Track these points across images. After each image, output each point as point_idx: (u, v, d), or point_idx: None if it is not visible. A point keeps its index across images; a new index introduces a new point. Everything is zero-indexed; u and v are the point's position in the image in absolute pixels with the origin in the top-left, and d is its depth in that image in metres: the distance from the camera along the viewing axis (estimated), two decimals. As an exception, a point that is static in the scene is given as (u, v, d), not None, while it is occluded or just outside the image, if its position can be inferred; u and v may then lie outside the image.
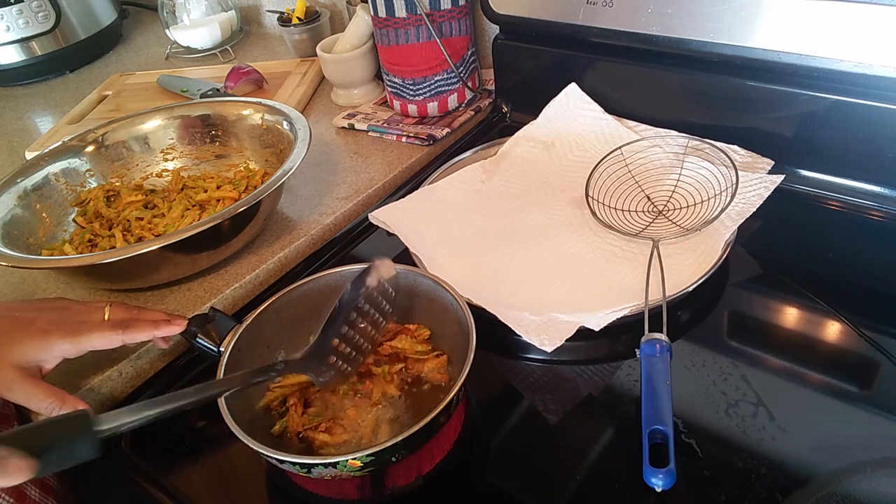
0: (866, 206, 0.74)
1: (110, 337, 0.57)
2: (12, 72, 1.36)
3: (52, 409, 0.55)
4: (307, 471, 0.49)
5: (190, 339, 0.61)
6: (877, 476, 0.49)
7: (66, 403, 0.56)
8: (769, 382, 0.58)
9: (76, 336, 0.56)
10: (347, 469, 0.48)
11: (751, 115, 0.78)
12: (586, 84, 0.89)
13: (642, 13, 0.78)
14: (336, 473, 0.49)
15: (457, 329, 0.57)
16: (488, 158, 0.88)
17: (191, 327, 0.61)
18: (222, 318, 0.62)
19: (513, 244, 0.75)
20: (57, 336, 0.56)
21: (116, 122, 0.90)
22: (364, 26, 1.02)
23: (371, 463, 0.48)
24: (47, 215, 0.81)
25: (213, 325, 0.61)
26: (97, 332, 0.57)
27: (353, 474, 0.50)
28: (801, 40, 0.70)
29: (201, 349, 0.61)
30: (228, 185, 0.85)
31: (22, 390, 0.55)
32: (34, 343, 0.55)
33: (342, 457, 0.47)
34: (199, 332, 0.61)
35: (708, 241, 0.68)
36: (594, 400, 0.59)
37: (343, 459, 0.47)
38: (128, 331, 0.58)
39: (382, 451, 0.47)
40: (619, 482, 0.52)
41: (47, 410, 0.55)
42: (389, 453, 0.48)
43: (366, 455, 0.47)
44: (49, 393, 0.56)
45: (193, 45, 1.34)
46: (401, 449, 0.49)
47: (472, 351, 0.53)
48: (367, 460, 0.48)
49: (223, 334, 0.60)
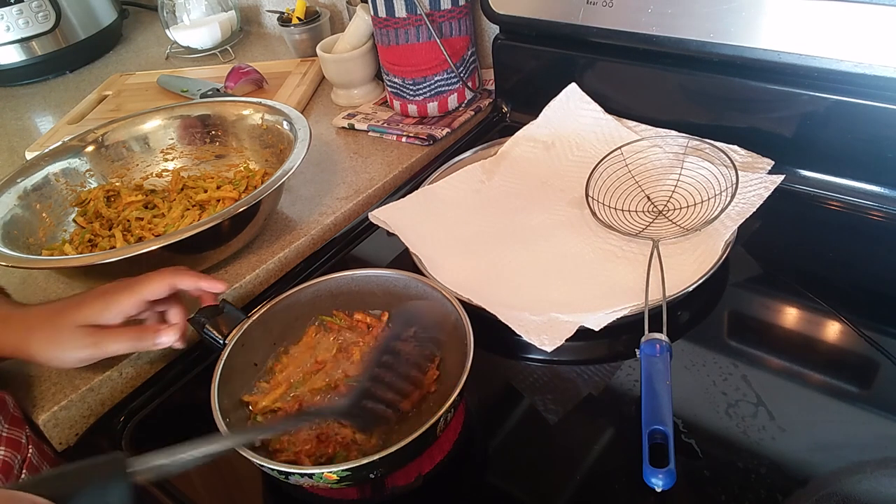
0: (866, 206, 0.74)
1: (160, 282, 0.59)
2: (12, 72, 1.36)
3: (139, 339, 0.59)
4: (285, 477, 0.49)
5: (198, 328, 0.62)
6: (877, 476, 0.49)
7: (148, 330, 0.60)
8: (769, 382, 0.58)
9: (131, 288, 0.59)
10: (324, 481, 0.48)
11: (751, 115, 0.78)
12: (586, 84, 0.89)
13: (642, 13, 0.78)
14: (313, 483, 0.49)
15: (455, 337, 0.57)
16: (488, 158, 0.88)
17: (200, 317, 0.61)
18: (232, 310, 0.62)
19: (513, 244, 0.75)
20: (115, 294, 0.59)
21: (116, 122, 0.90)
22: (364, 26, 1.02)
23: (348, 477, 0.48)
24: (47, 215, 0.81)
25: (222, 317, 0.61)
26: (150, 279, 0.59)
27: (330, 486, 0.50)
28: (801, 40, 0.70)
29: (207, 339, 0.61)
30: (228, 185, 0.85)
31: (103, 339, 0.58)
32: (96, 304, 0.58)
33: (318, 469, 0.47)
34: (207, 322, 0.61)
35: (708, 241, 0.68)
36: (594, 400, 0.59)
37: (319, 471, 0.47)
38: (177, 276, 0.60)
39: (360, 466, 0.47)
40: (619, 482, 0.52)
41: (135, 341, 0.59)
42: (367, 469, 0.48)
43: (342, 469, 0.47)
44: (129, 329, 0.59)
45: (193, 45, 1.34)
46: (379, 466, 0.48)
47: (468, 363, 0.52)
48: (344, 474, 0.47)
49: (232, 326, 0.60)
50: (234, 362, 0.57)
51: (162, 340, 0.60)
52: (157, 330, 0.60)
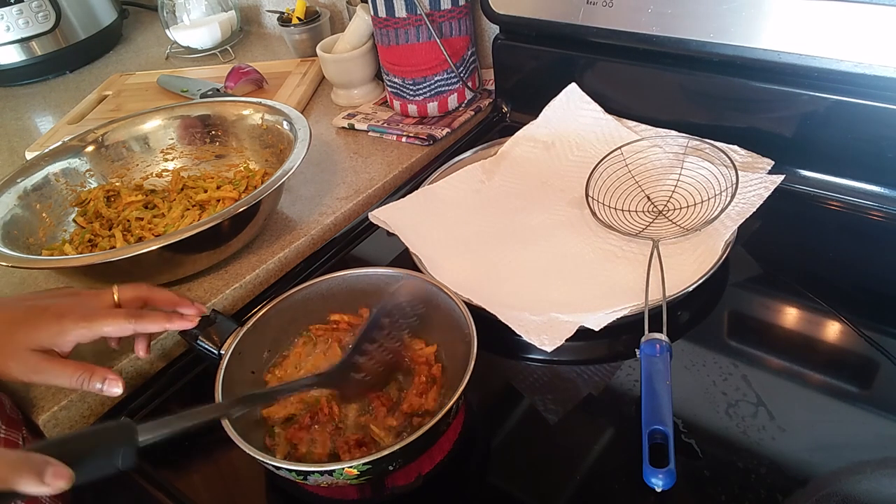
0: (866, 206, 0.74)
1: (123, 325, 0.58)
2: (12, 72, 1.36)
3: (83, 380, 0.56)
4: (303, 478, 0.49)
5: (191, 341, 0.61)
6: (877, 476, 0.49)
7: (95, 374, 0.57)
8: (769, 382, 0.58)
9: (90, 322, 0.57)
10: (344, 477, 0.48)
11: (751, 115, 0.78)
12: (586, 84, 0.89)
13: (642, 13, 0.78)
14: (332, 481, 0.49)
15: (458, 335, 0.57)
16: (488, 158, 0.88)
17: (193, 330, 0.61)
18: (223, 320, 0.62)
19: (513, 244, 0.75)
20: (71, 321, 0.57)
21: (116, 122, 0.90)
22: (364, 26, 1.02)
23: (368, 471, 0.48)
24: (47, 215, 0.81)
25: (214, 328, 0.61)
26: (111, 318, 0.58)
27: (350, 482, 0.49)
28: (801, 40, 0.70)
29: (202, 351, 0.61)
30: (228, 185, 0.85)
31: (48, 370, 0.56)
32: (50, 328, 0.56)
33: (338, 465, 0.47)
34: (199, 334, 0.61)
35: (708, 241, 0.68)
36: (594, 400, 0.59)
37: (339, 467, 0.47)
38: (140, 321, 0.58)
39: (379, 459, 0.47)
40: (619, 482, 0.52)
41: (78, 382, 0.56)
42: (387, 462, 0.48)
43: (362, 463, 0.47)
44: (76, 367, 0.56)
45: (193, 45, 1.34)
46: (399, 458, 0.48)
47: (472, 360, 0.52)
48: (364, 468, 0.47)
49: (224, 337, 0.59)
50: (232, 372, 0.56)
51: (105, 390, 0.57)
52: (104, 378, 0.57)
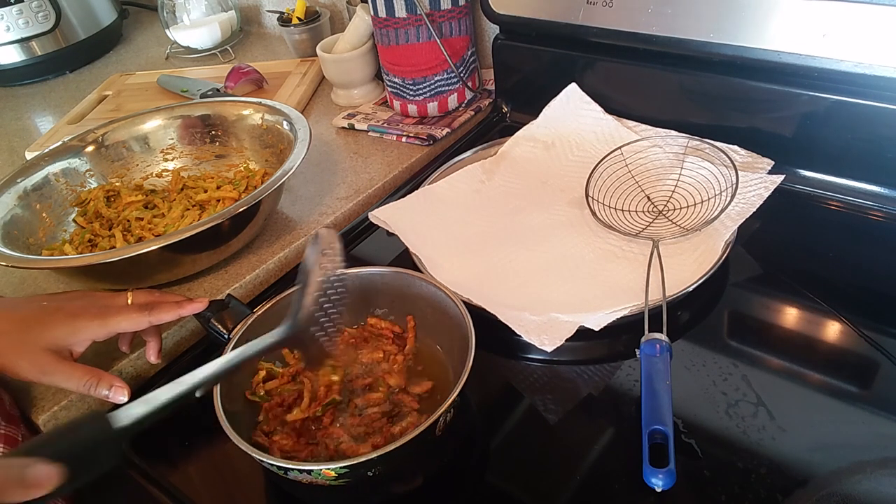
0: (866, 206, 0.74)
1: (137, 318, 0.59)
2: (12, 72, 1.36)
3: (90, 385, 0.57)
4: (284, 473, 0.49)
5: (204, 322, 0.62)
6: (877, 476, 0.49)
7: (103, 380, 0.57)
8: (769, 382, 0.58)
9: (104, 318, 0.58)
10: (322, 477, 0.48)
11: (751, 115, 0.78)
12: (586, 84, 0.89)
13: (642, 13, 0.78)
14: (311, 480, 0.49)
15: (456, 336, 0.57)
16: (488, 158, 0.88)
17: (206, 312, 0.62)
18: (237, 305, 0.63)
19: (513, 244, 0.75)
20: (85, 319, 0.57)
21: (116, 122, 0.90)
22: (364, 26, 1.02)
23: (346, 475, 0.48)
24: (47, 215, 0.81)
25: (227, 312, 0.62)
26: (124, 314, 0.59)
27: (329, 483, 0.50)
28: (801, 40, 0.70)
29: (212, 333, 0.61)
30: (228, 185, 0.84)
31: (58, 371, 0.56)
32: (64, 327, 0.57)
33: (316, 465, 0.47)
34: (212, 316, 0.62)
35: (708, 241, 0.68)
36: (594, 400, 0.59)
37: (317, 468, 0.47)
38: (153, 312, 0.59)
39: (357, 464, 0.47)
40: (619, 482, 0.52)
41: (85, 387, 0.57)
42: (365, 468, 0.48)
43: (340, 467, 0.47)
44: (85, 371, 0.57)
45: (193, 45, 1.34)
46: (377, 465, 0.48)
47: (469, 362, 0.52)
48: (342, 471, 0.48)
49: (236, 321, 0.60)
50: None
51: (111, 397, 0.58)
52: (111, 385, 0.58)
